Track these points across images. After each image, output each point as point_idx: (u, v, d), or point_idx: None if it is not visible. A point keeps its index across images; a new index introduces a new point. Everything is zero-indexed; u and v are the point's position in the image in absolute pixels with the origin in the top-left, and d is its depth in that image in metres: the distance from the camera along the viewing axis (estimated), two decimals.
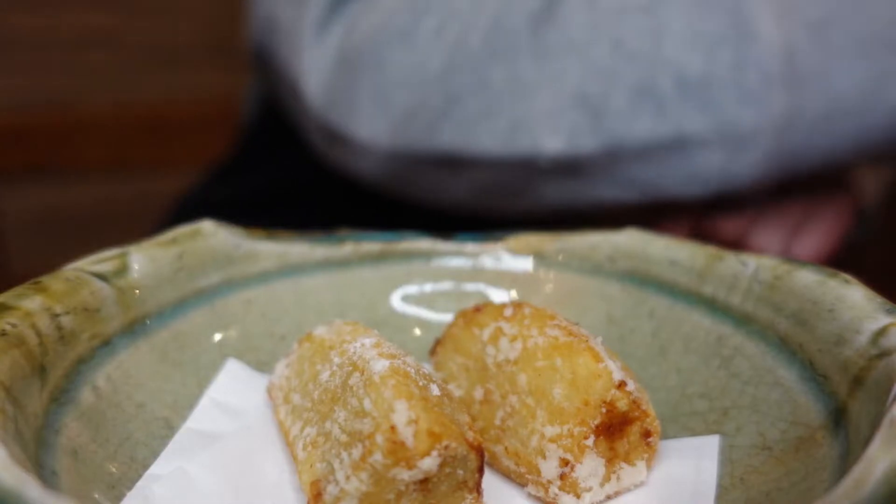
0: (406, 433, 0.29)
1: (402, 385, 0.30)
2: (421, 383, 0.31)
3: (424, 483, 0.30)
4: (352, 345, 0.34)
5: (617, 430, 0.34)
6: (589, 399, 0.33)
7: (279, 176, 0.87)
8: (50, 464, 0.30)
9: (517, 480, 0.35)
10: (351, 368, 0.33)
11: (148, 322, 0.39)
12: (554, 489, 0.33)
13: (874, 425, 0.28)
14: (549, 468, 0.33)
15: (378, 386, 0.30)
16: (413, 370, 0.32)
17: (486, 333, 0.37)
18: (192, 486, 0.33)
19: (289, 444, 0.35)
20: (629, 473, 0.34)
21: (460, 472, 0.31)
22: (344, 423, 0.31)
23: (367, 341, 0.34)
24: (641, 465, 0.35)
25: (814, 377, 0.34)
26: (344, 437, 0.31)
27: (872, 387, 0.30)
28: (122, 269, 0.38)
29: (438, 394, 0.32)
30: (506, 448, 0.35)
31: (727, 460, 0.35)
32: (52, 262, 0.39)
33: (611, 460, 0.34)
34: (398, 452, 0.29)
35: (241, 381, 0.40)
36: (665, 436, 0.36)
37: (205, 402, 0.38)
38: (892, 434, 0.26)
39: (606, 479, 0.34)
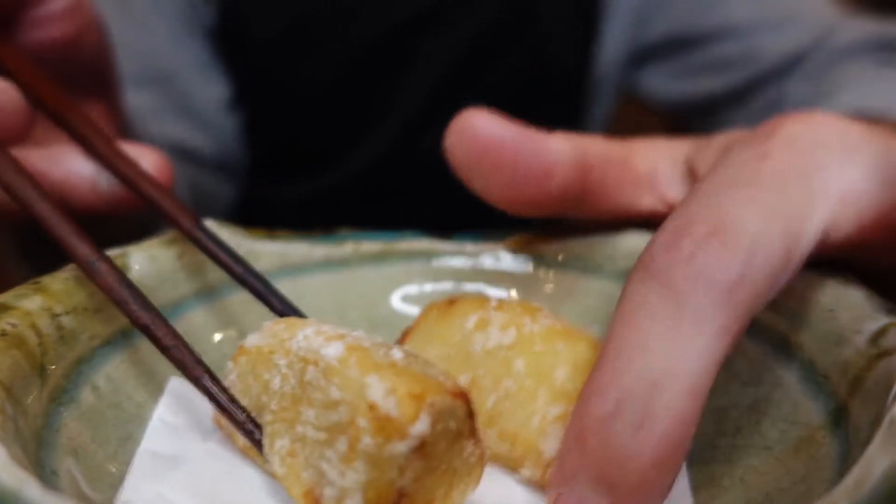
0: (388, 405, 0.27)
1: (365, 359, 0.29)
2: (381, 352, 0.30)
3: (422, 448, 0.28)
4: (293, 341, 0.32)
5: None
6: None
7: None
8: (50, 464, 0.30)
9: (509, 465, 0.35)
10: (302, 364, 0.31)
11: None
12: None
13: (874, 425, 0.28)
14: (553, 448, 0.32)
15: (339, 370, 0.29)
16: (368, 342, 0.31)
17: (471, 322, 0.37)
18: None
19: (261, 466, 0.33)
20: None
21: (452, 423, 0.29)
22: (316, 421, 0.30)
23: (308, 331, 0.32)
24: None
25: (814, 377, 0.34)
26: (322, 435, 0.30)
27: (872, 387, 0.30)
28: (122, 269, 0.38)
29: (402, 356, 0.30)
30: (499, 431, 0.34)
31: (727, 460, 0.35)
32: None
33: None
34: (386, 427, 0.27)
35: (188, 402, 0.37)
36: None
37: (156, 423, 0.36)
38: (892, 434, 0.25)
39: None
